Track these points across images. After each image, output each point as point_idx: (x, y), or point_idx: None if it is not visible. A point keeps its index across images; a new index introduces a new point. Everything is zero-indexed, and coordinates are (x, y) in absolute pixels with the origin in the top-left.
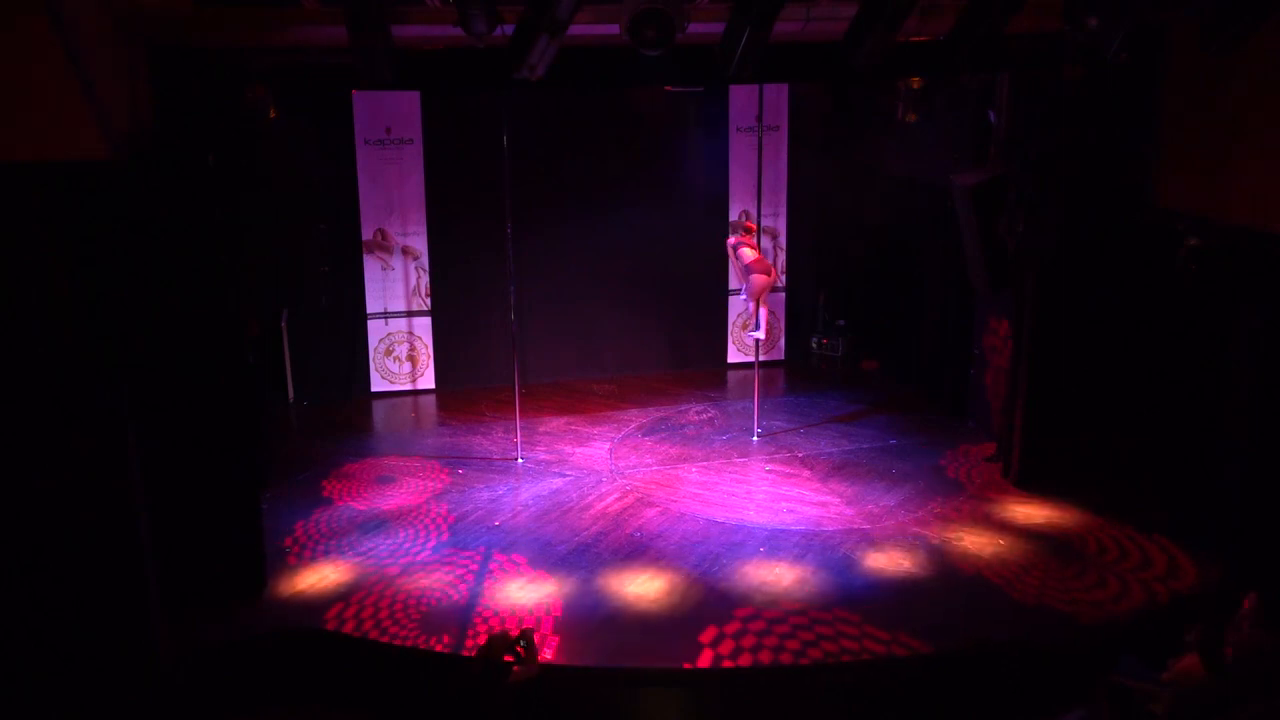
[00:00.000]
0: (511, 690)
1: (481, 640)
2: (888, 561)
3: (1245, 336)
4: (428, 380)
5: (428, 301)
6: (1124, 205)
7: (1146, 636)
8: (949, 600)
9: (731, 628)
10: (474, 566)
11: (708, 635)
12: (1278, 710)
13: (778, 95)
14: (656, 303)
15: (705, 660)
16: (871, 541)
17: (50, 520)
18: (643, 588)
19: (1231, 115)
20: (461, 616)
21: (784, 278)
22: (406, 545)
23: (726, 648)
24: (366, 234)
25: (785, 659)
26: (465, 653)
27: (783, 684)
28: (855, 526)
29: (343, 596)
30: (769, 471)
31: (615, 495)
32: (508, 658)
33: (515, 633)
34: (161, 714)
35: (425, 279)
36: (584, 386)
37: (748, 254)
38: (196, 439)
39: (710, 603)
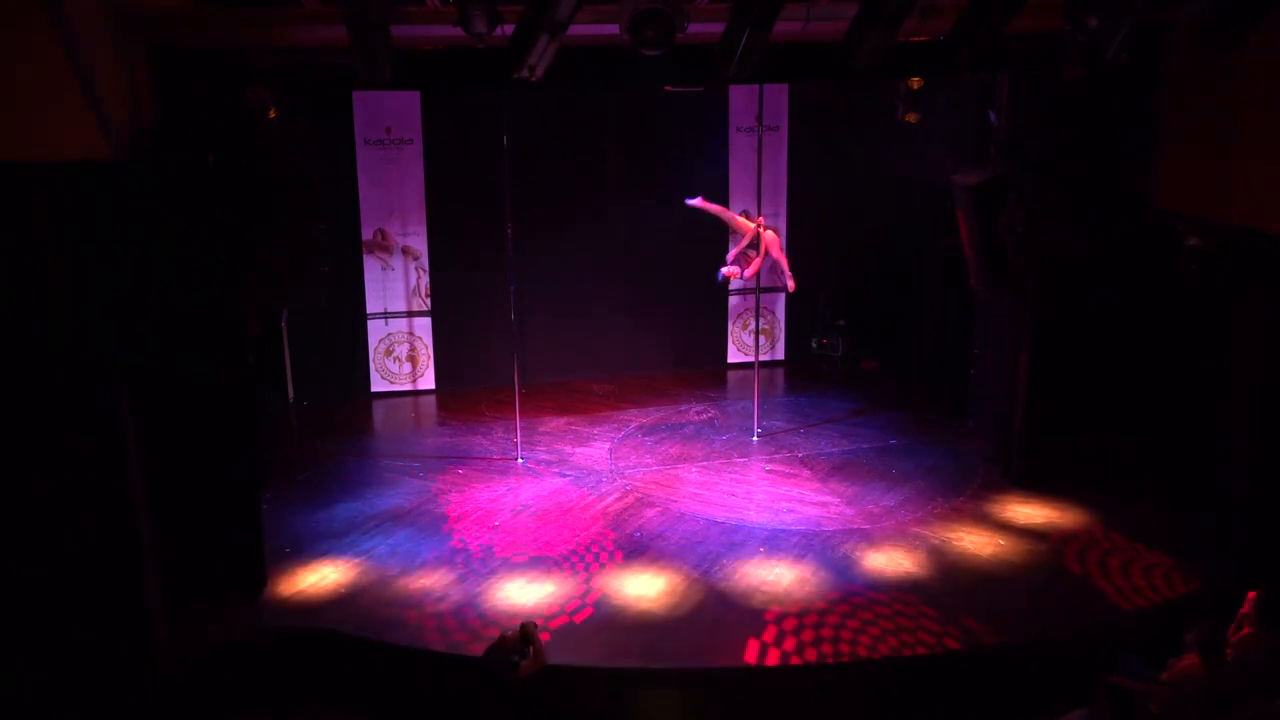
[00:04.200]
0: (521, 686)
1: (483, 642)
2: (887, 561)
3: (1245, 337)
4: (428, 380)
5: (428, 302)
6: (1124, 205)
7: (1146, 636)
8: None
9: None
10: (474, 566)
11: None
12: (1278, 710)
13: (778, 95)
14: (656, 303)
15: None
16: (871, 541)
17: (50, 520)
18: (643, 588)
19: (1231, 115)
20: (461, 616)
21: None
22: (407, 545)
23: None
24: (366, 234)
25: None
26: (466, 652)
27: (783, 684)
28: (855, 526)
29: (343, 597)
30: (769, 471)
31: (615, 495)
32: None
33: (516, 631)
34: (161, 714)
35: (425, 279)
36: (584, 386)
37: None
38: (196, 439)
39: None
